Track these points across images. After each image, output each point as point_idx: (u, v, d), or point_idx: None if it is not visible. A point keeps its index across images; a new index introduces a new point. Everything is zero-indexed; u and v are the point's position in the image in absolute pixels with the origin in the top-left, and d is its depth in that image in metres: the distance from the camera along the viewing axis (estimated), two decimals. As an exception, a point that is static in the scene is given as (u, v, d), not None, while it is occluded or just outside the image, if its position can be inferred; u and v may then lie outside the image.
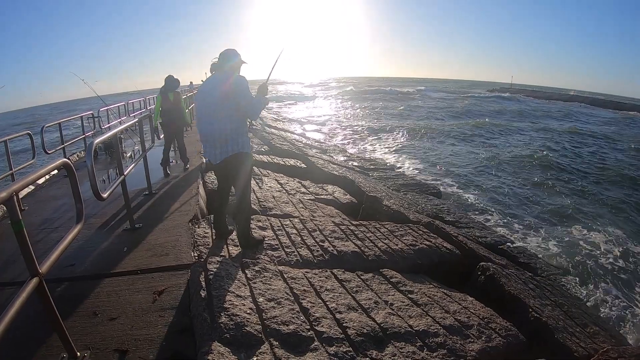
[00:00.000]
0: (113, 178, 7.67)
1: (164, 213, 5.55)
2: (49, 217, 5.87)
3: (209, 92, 4.01)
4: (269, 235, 4.71)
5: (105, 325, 3.07)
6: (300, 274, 3.82)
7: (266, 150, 12.06)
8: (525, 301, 4.16)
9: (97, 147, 10.69)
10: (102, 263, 4.16)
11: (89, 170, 3.49)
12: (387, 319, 3.30)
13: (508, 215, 11.62)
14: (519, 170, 17.50)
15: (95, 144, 3.84)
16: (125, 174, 4.76)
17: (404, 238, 5.14)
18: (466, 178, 15.80)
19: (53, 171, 3.37)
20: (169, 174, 7.87)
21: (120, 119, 14.08)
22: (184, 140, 8.57)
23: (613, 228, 11.00)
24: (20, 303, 1.83)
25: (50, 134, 17.35)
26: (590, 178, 16.72)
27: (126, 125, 5.42)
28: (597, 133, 29.80)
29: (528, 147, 22.72)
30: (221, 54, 4.09)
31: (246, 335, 2.73)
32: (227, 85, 3.89)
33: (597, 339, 4.06)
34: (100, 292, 3.57)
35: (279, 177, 8.46)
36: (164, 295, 3.44)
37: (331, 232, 5.02)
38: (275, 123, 24.88)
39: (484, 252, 5.66)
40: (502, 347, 3.28)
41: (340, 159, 15.54)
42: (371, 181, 10.98)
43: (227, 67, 4.03)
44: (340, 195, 7.72)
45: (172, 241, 4.55)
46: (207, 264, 3.59)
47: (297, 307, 3.23)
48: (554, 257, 8.85)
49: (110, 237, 4.87)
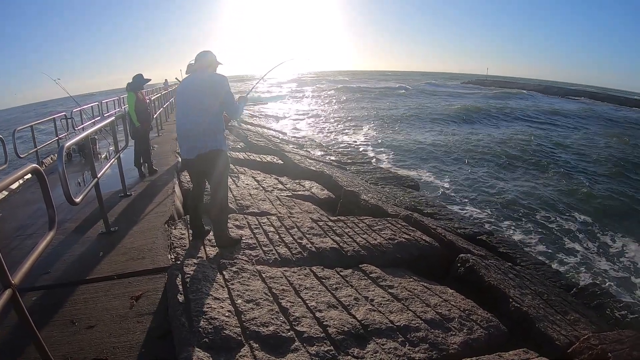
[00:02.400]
0: (88, 180, 7.53)
1: (140, 215, 5.46)
2: (23, 224, 5.73)
3: (187, 90, 4.06)
4: (246, 234, 4.66)
5: (83, 333, 3.01)
6: (279, 273, 3.79)
7: (242, 147, 11.96)
8: (505, 291, 4.21)
9: (71, 149, 10.45)
10: (77, 269, 4.07)
11: (60, 175, 3.40)
12: (368, 315, 3.30)
13: (486, 205, 11.78)
14: (493, 158, 17.85)
15: (66, 147, 3.75)
16: (99, 176, 4.66)
17: (382, 232, 5.15)
18: (442, 167, 16.06)
19: (24, 177, 3.28)
20: (144, 175, 7.75)
21: (94, 120, 13.81)
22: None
23: (591, 217, 11.28)
24: (-6, 315, 1.78)
25: (23, 138, 16.99)
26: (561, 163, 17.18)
27: (98, 126, 5.31)
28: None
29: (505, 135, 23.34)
30: (198, 55, 4.18)
31: (225, 339, 2.70)
32: (205, 80, 3.99)
33: (577, 326, 4.13)
34: (76, 300, 3.49)
35: (255, 174, 8.38)
36: (141, 300, 3.39)
37: (309, 229, 5.00)
38: (252, 119, 24.73)
39: (463, 244, 5.71)
40: (484, 339, 3.32)
41: (318, 153, 15.53)
42: (349, 175, 10.99)
43: (204, 66, 4.11)
44: (318, 191, 7.69)
45: (148, 244, 4.48)
46: (184, 267, 3.54)
47: (276, 307, 3.21)
48: (533, 246, 9.03)
49: (85, 241, 4.77)
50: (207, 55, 4.15)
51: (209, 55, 4.15)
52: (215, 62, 4.19)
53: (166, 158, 9.13)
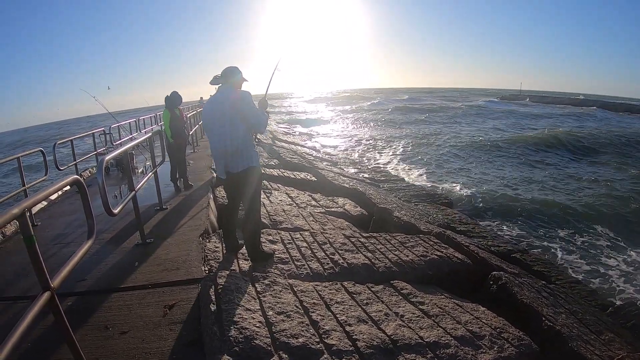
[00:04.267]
0: (125, 193, 7.75)
1: (175, 228, 5.58)
2: (61, 232, 5.95)
3: (216, 108, 4.09)
4: (279, 249, 4.71)
5: (116, 338, 3.09)
6: (310, 287, 3.81)
7: (276, 163, 12.12)
8: (538, 310, 4.11)
9: (109, 163, 10.78)
10: (113, 277, 4.19)
11: (100, 187, 3.54)
12: (398, 330, 3.27)
13: (522, 223, 11.50)
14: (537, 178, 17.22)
15: (106, 160, 3.90)
16: (136, 189, 4.81)
17: (414, 249, 5.11)
18: (482, 186, 15.63)
19: (65, 187, 3.42)
20: (180, 189, 7.92)
21: (132, 135, 14.25)
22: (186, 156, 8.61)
23: (633, 236, 10.85)
24: (32, 316, 1.85)
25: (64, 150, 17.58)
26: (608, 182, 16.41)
27: (136, 142, 5.49)
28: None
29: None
30: (224, 70, 4.18)
31: (255, 349, 2.72)
32: (232, 99, 3.99)
33: (612, 346, 3.99)
34: (111, 306, 3.60)
35: (289, 191, 8.47)
36: (174, 310, 3.45)
37: (341, 245, 5.01)
38: (285, 137, 24.99)
39: (496, 261, 5.61)
40: (515, 357, 3.23)
41: (351, 171, 15.56)
42: (382, 192, 10.97)
43: (230, 83, 4.12)
44: (351, 208, 7.70)
45: (182, 255, 4.57)
46: (217, 278, 3.61)
47: (306, 320, 3.22)
48: (569, 264, 8.74)
49: (121, 251, 4.91)
50: (233, 72, 4.14)
51: (234, 72, 4.15)
52: (241, 79, 4.19)
53: (201, 173, 9.31)
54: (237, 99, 3.98)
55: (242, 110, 3.97)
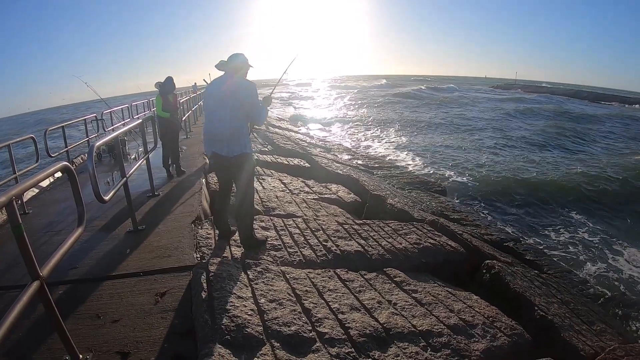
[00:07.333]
0: (117, 180, 7.68)
1: (167, 214, 5.54)
2: (52, 220, 5.89)
3: (216, 94, 4.07)
4: (271, 236, 4.69)
5: (107, 327, 3.06)
6: (302, 274, 3.79)
7: (270, 149, 12.03)
8: (530, 299, 4.12)
9: (101, 149, 10.68)
10: (104, 265, 4.15)
11: (90, 174, 3.48)
12: (391, 319, 3.27)
13: (515, 212, 11.55)
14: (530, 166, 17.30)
15: (96, 146, 3.85)
16: (127, 176, 4.75)
17: (408, 237, 5.10)
18: (473, 172, 15.65)
19: (55, 174, 3.36)
20: (172, 175, 7.87)
21: (124, 121, 14.11)
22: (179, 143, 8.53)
23: (624, 226, 10.92)
24: (21, 306, 1.82)
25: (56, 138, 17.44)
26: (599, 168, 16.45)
27: (128, 127, 5.42)
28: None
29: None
30: (230, 56, 4.16)
31: (247, 337, 2.71)
32: (231, 85, 3.98)
33: (604, 336, 4.01)
34: (102, 295, 3.56)
35: (282, 177, 8.43)
36: (166, 297, 3.43)
37: (334, 232, 4.99)
38: (279, 122, 24.86)
39: (489, 250, 5.62)
40: (507, 347, 3.25)
41: (345, 157, 15.50)
42: (375, 179, 10.95)
43: (233, 68, 4.09)
44: (344, 195, 7.68)
45: (174, 243, 4.54)
46: (208, 265, 3.58)
47: (299, 308, 3.21)
48: (560, 254, 8.80)
49: (113, 239, 4.87)
50: (239, 58, 4.13)
51: (240, 58, 4.13)
52: (246, 65, 4.17)
53: (194, 160, 9.25)
54: (237, 85, 3.97)
55: (246, 100, 3.96)
